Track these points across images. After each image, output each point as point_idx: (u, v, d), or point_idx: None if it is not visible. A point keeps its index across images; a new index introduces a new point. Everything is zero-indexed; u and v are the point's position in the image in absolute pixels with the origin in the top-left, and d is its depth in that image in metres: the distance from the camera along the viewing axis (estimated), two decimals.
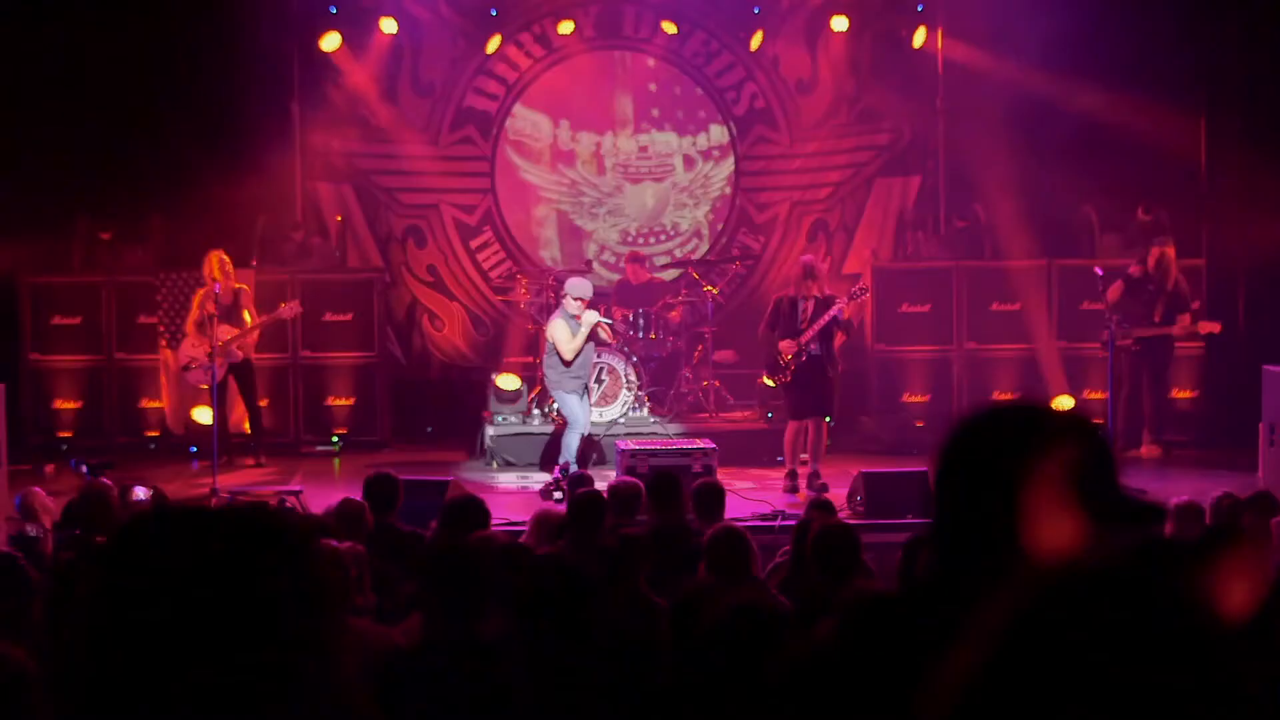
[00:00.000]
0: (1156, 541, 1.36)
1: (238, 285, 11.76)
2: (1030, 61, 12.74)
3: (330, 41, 13.61)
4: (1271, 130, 12.50)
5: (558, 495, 9.88)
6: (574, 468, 10.32)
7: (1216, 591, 1.30)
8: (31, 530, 7.08)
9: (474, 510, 6.42)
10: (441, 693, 3.97)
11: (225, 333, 11.43)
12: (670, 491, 7.06)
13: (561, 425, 11.05)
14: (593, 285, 11.08)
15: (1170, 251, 11.82)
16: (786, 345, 10.44)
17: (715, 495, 7.25)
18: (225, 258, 11.58)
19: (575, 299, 10.60)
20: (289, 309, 11.83)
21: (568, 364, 10.61)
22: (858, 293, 10.96)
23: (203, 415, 12.22)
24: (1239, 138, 12.90)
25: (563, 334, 10.58)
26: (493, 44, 14.07)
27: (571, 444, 10.64)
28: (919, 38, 14.00)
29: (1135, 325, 11.74)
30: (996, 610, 1.29)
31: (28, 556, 6.24)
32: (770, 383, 11.15)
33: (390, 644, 4.35)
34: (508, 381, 12.49)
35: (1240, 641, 1.27)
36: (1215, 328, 11.83)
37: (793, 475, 10.54)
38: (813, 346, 10.45)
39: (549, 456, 11.30)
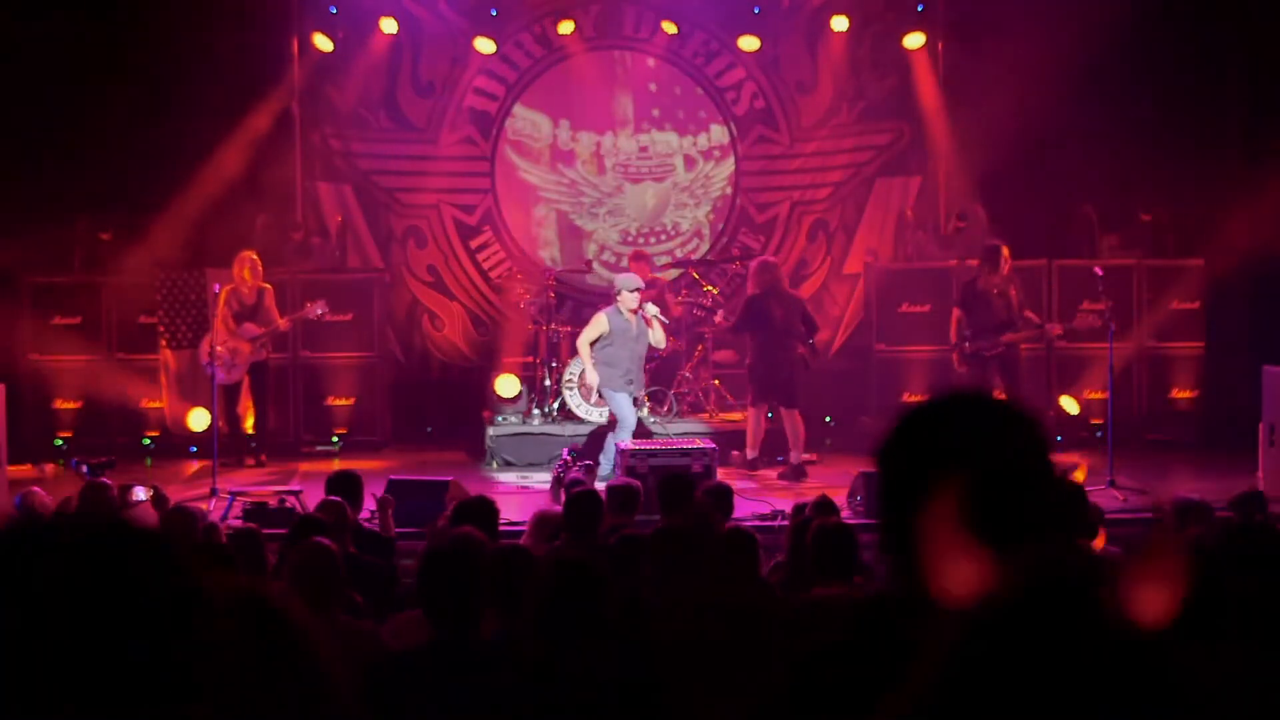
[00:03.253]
0: (1059, 563, 1.35)
1: (262, 285, 11.90)
2: (1030, 61, 12.73)
3: (321, 42, 13.60)
4: (1272, 130, 12.50)
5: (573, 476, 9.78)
6: (606, 469, 10.28)
7: (1132, 602, 1.29)
8: None
9: (484, 509, 6.40)
10: (444, 694, 3.97)
11: (251, 331, 11.67)
12: (682, 492, 7.05)
13: (610, 421, 11.00)
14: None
15: (1006, 252, 11.53)
16: None
17: (724, 496, 7.26)
18: (255, 258, 11.95)
19: (632, 290, 10.61)
20: (314, 308, 11.93)
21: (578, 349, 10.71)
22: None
23: (197, 421, 12.24)
24: (1239, 138, 12.91)
25: (598, 325, 10.62)
26: (482, 45, 14.03)
27: (615, 446, 10.53)
28: (918, 38, 14.00)
29: (998, 331, 11.50)
30: (921, 661, 1.30)
31: None
32: None
33: (384, 645, 4.35)
34: (506, 387, 12.50)
35: (1165, 645, 1.27)
36: (1094, 321, 11.14)
37: (753, 464, 11.26)
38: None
39: (590, 452, 10.98)
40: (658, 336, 10.77)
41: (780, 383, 11.21)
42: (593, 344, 10.68)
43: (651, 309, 10.68)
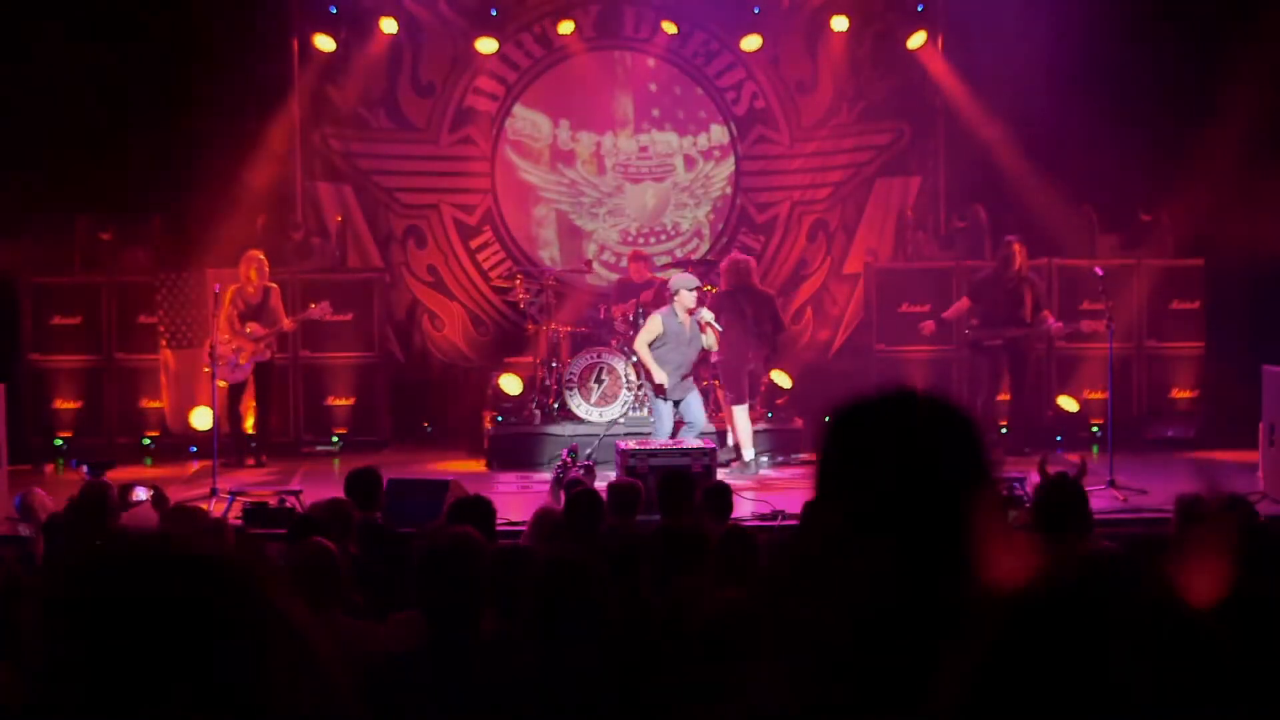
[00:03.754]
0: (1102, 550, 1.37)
1: (268, 284, 11.91)
2: (1029, 61, 12.73)
3: (321, 42, 13.61)
4: (1272, 130, 12.49)
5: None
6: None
7: (1182, 582, 1.31)
8: (24, 531, 7.08)
9: (481, 508, 6.40)
10: (443, 694, 3.97)
11: (255, 330, 11.69)
12: (682, 491, 7.04)
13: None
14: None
15: (1017, 248, 11.80)
16: None
17: (724, 496, 7.25)
18: (262, 257, 11.97)
19: (690, 290, 10.64)
20: (319, 309, 11.93)
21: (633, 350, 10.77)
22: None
23: (200, 420, 12.24)
24: (1239, 138, 12.90)
25: (653, 327, 10.66)
26: (484, 46, 14.05)
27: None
28: (918, 38, 13.99)
29: (1001, 325, 11.80)
30: (969, 645, 1.31)
31: (20, 557, 6.22)
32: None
33: (383, 644, 4.35)
34: (511, 385, 12.49)
35: (1215, 625, 1.29)
36: (1099, 326, 10.93)
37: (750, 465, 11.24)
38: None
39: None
40: (710, 340, 10.81)
41: (742, 378, 11.25)
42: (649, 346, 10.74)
43: (706, 315, 10.70)
